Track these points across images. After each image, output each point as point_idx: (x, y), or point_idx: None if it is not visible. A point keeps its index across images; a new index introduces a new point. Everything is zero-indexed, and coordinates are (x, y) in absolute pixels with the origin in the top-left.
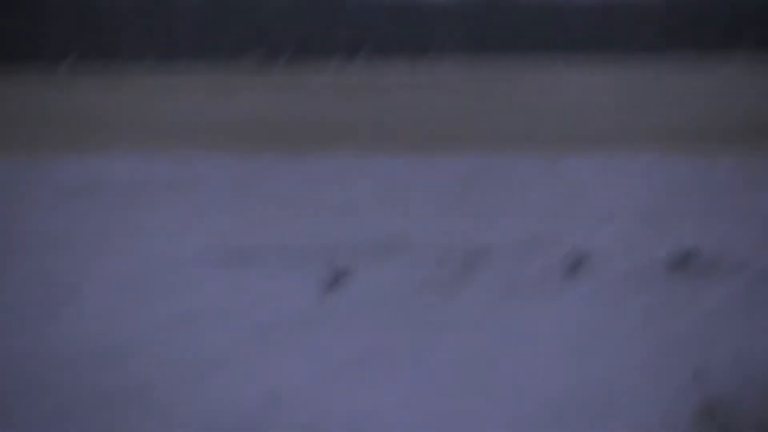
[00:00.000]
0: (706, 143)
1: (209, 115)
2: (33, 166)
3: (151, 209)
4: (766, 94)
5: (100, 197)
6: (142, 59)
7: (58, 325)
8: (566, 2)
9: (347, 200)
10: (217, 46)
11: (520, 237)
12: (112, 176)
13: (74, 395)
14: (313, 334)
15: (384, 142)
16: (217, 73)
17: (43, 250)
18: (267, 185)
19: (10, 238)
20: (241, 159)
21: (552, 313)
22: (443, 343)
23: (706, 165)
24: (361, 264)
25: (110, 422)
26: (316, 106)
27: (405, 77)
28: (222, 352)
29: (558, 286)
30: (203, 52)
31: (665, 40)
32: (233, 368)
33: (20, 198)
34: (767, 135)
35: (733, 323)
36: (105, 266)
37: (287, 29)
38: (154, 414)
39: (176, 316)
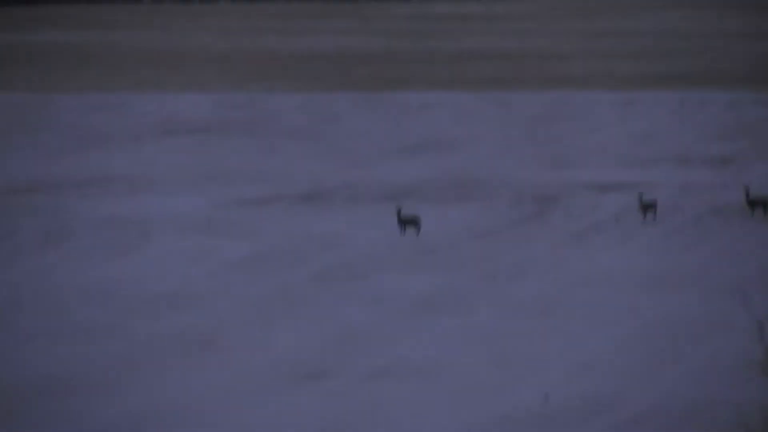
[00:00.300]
0: None
1: (287, 52)
2: (111, 103)
3: (226, 150)
4: None
5: (177, 137)
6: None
7: (128, 268)
8: None
9: (422, 140)
10: None
11: (593, 179)
12: (189, 115)
13: (144, 339)
14: (384, 275)
15: (462, 79)
16: (297, 9)
17: (118, 192)
18: (342, 124)
19: (86, 178)
20: (317, 96)
21: (623, 257)
22: (515, 286)
23: None
24: (434, 205)
25: (182, 367)
26: (393, 42)
27: (482, 16)
28: (291, 294)
29: (630, 229)
30: None
31: None
32: (303, 310)
33: (97, 137)
34: None
35: None
36: (177, 209)
37: None
38: (226, 358)
39: (246, 257)
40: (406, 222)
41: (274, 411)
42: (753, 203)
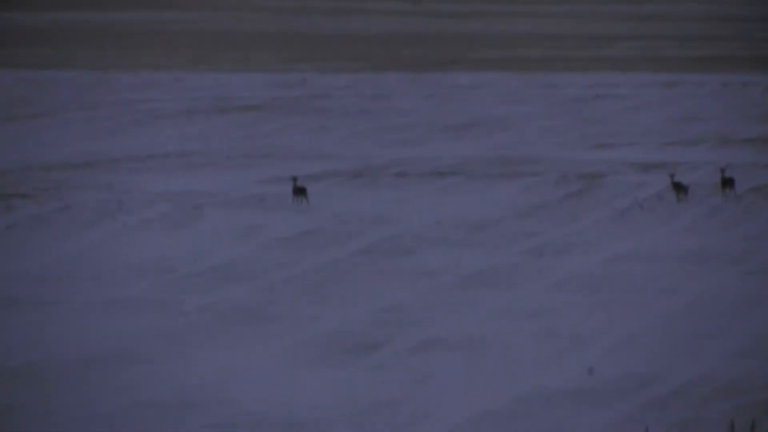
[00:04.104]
0: None
1: (337, 33)
2: (165, 81)
3: (277, 128)
4: None
5: (230, 115)
6: None
7: (181, 243)
8: None
9: (469, 119)
10: None
11: (637, 159)
12: (241, 94)
13: (195, 312)
14: (431, 251)
15: (508, 60)
16: None
17: (172, 168)
18: (391, 104)
19: (141, 154)
20: (367, 76)
21: (666, 235)
22: (560, 262)
23: None
24: (481, 182)
25: (232, 340)
26: (441, 23)
27: (528, 3)
28: (340, 269)
29: (672, 208)
30: None
31: None
32: (352, 284)
33: (152, 114)
34: None
35: None
36: (230, 185)
37: None
38: (276, 332)
39: (297, 233)
40: (298, 191)
41: (324, 383)
42: (677, 186)
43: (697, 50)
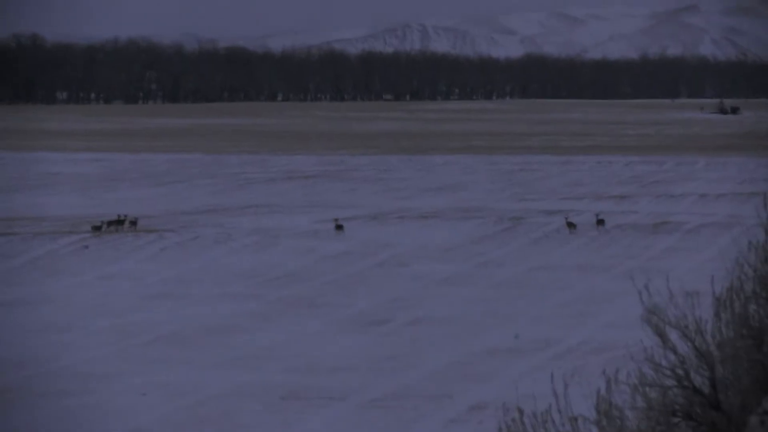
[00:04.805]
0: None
1: (361, 131)
2: (257, 161)
3: (324, 189)
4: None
5: (295, 181)
6: (322, 99)
7: (266, 259)
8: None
9: (442, 184)
10: (368, 88)
11: (544, 207)
12: (302, 168)
13: (273, 300)
14: (419, 263)
15: (466, 147)
16: (367, 105)
17: (260, 213)
18: (394, 174)
19: (240, 205)
20: (379, 157)
21: (563, 253)
22: (498, 270)
23: (658, 163)
24: (449, 221)
25: (296, 318)
26: (425, 125)
27: (480, 110)
28: (363, 274)
29: (564, 238)
30: (359, 92)
31: (636, 88)
32: (371, 283)
33: (247, 181)
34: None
35: (672, 262)
36: (296, 224)
37: (408, 79)
38: (323, 312)
39: (337, 253)
40: (338, 227)
41: (351, 345)
42: (570, 224)
43: (581, 142)
